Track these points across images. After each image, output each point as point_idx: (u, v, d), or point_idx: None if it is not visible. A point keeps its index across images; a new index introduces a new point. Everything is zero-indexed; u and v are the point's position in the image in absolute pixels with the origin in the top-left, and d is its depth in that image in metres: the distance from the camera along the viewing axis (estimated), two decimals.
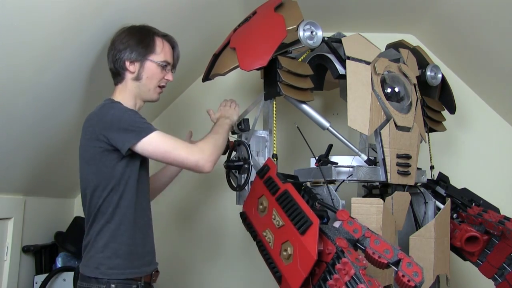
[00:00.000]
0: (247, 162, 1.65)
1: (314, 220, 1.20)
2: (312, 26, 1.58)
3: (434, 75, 1.94)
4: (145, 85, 1.46)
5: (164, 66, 1.48)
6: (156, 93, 1.51)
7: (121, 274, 1.32)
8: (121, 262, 1.33)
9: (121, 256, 1.33)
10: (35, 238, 1.91)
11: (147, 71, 1.45)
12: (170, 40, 1.54)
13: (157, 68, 1.46)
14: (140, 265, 1.38)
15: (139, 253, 1.38)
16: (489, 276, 1.70)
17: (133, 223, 1.37)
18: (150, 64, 1.45)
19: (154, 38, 1.48)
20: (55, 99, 1.57)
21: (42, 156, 1.74)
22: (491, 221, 1.64)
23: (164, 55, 1.48)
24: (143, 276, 1.38)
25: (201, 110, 2.51)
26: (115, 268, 1.32)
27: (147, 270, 1.41)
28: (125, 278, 1.33)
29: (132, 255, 1.36)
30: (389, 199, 1.54)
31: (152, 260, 1.46)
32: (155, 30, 1.51)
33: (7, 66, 1.27)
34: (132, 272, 1.35)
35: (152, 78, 1.46)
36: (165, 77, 1.50)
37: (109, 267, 1.31)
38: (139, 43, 1.44)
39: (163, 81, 1.50)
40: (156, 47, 1.47)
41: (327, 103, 2.48)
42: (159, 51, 1.47)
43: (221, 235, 2.43)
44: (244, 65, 1.59)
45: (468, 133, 2.46)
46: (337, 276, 1.11)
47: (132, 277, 1.34)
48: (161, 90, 1.52)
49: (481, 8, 1.92)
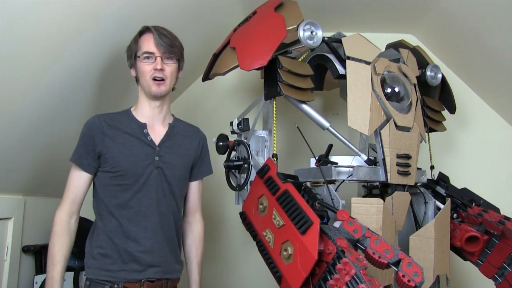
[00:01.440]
0: (246, 162, 1.65)
1: (314, 220, 1.20)
2: (312, 26, 1.58)
3: (434, 75, 1.94)
4: (142, 84, 1.48)
5: (148, 57, 1.44)
6: (153, 86, 1.45)
7: (92, 274, 1.41)
8: (95, 263, 1.41)
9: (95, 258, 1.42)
10: (35, 238, 1.90)
11: (138, 70, 1.47)
12: (149, 29, 1.46)
13: (142, 62, 1.45)
14: (117, 269, 1.39)
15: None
16: (489, 276, 1.70)
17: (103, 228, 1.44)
18: (137, 62, 1.46)
19: (137, 37, 1.48)
20: (55, 99, 1.56)
21: (42, 156, 1.74)
22: (491, 221, 1.64)
23: (143, 47, 1.45)
24: (122, 281, 1.39)
25: (201, 110, 2.52)
26: (90, 268, 1.42)
27: (126, 277, 1.39)
28: (99, 279, 1.40)
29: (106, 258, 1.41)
30: (389, 199, 1.54)
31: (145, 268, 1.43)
32: (142, 28, 1.48)
33: (7, 66, 1.27)
34: (104, 275, 1.39)
35: (143, 74, 1.46)
36: (154, 67, 1.44)
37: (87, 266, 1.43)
38: (128, 48, 1.49)
39: (154, 72, 1.44)
40: (138, 45, 1.46)
41: (327, 103, 2.48)
42: (140, 46, 1.46)
43: (221, 235, 2.43)
44: (244, 64, 1.59)
45: (468, 133, 2.46)
46: (338, 276, 1.11)
47: (105, 279, 1.39)
48: (157, 82, 1.45)
49: (481, 8, 1.92)
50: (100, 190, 1.44)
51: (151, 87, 1.45)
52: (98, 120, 1.44)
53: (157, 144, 1.47)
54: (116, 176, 1.41)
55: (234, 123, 1.78)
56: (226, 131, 1.82)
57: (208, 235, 2.44)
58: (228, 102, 2.51)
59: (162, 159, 1.46)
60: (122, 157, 1.41)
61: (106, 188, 1.43)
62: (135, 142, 1.44)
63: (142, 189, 1.42)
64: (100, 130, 1.42)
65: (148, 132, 1.47)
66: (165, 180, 1.46)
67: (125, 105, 1.58)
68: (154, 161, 1.44)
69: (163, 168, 1.45)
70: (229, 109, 2.36)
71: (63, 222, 1.41)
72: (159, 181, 1.45)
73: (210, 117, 2.48)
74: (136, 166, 1.41)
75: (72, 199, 1.43)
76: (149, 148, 1.45)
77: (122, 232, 1.41)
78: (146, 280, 1.41)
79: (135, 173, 1.41)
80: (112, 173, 1.41)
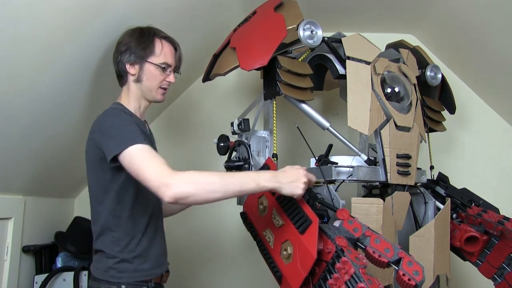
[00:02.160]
0: (247, 162, 1.65)
1: (313, 219, 1.20)
2: (312, 25, 1.58)
3: (434, 75, 1.94)
4: (146, 87, 1.46)
5: (164, 68, 1.46)
6: (159, 94, 1.49)
7: (130, 277, 1.35)
8: (129, 266, 1.35)
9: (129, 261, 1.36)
10: (35, 238, 1.90)
11: (146, 73, 1.45)
12: (171, 41, 1.51)
13: (157, 69, 1.45)
14: (150, 267, 1.39)
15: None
16: (488, 276, 1.70)
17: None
18: (150, 66, 1.44)
19: (154, 39, 1.46)
20: (55, 99, 1.56)
21: (42, 156, 1.75)
22: (491, 221, 1.64)
23: (164, 57, 1.46)
24: (153, 278, 1.41)
25: (201, 110, 2.52)
26: (125, 272, 1.35)
27: (157, 272, 1.42)
28: (135, 280, 1.35)
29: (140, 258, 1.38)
30: (389, 199, 1.54)
31: (163, 262, 1.48)
32: (156, 31, 1.49)
33: (6, 65, 1.27)
34: (141, 275, 1.36)
35: (152, 79, 1.45)
36: (166, 79, 1.48)
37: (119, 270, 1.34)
38: (138, 45, 1.44)
39: (165, 83, 1.49)
40: (156, 49, 1.45)
41: (327, 103, 2.48)
42: (159, 53, 1.45)
43: (222, 235, 2.43)
44: (245, 65, 1.59)
45: (468, 133, 2.47)
46: (337, 275, 1.11)
47: (141, 279, 1.37)
48: (164, 91, 1.50)
49: (481, 8, 1.92)
50: (120, 190, 1.36)
51: (157, 95, 1.48)
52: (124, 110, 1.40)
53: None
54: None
55: (235, 124, 1.78)
56: (227, 131, 1.82)
57: (209, 235, 2.45)
58: (228, 102, 2.51)
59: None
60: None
61: (127, 186, 1.35)
62: (146, 140, 1.36)
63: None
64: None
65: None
66: None
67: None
68: None
69: None
70: (229, 109, 2.36)
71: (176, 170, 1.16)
72: None
73: (210, 118, 2.48)
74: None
75: (165, 162, 1.19)
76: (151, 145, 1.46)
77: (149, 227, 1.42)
78: (165, 271, 1.48)
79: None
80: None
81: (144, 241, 1.39)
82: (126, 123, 1.30)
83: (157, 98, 1.49)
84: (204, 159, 2.41)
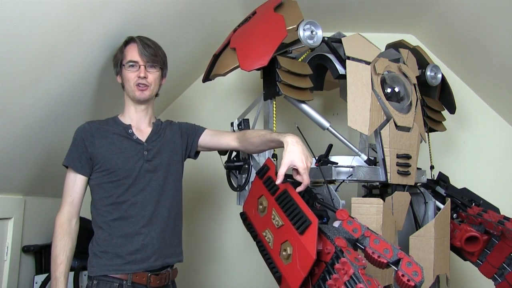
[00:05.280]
0: (247, 162, 1.65)
1: (313, 219, 1.20)
2: (312, 25, 1.58)
3: (434, 75, 1.94)
4: (127, 89, 1.55)
5: (132, 66, 1.51)
6: (136, 91, 1.52)
7: (100, 271, 1.43)
8: (99, 261, 1.44)
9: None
10: (35, 238, 1.90)
11: (123, 77, 1.54)
12: (133, 38, 1.54)
13: (127, 70, 1.52)
14: (121, 263, 1.42)
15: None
16: (489, 276, 1.70)
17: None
18: (123, 70, 1.53)
19: (122, 47, 1.55)
20: (55, 99, 1.57)
21: (42, 156, 1.75)
22: (491, 221, 1.64)
23: (129, 56, 1.52)
24: (131, 275, 1.43)
25: (201, 110, 2.52)
26: (95, 266, 1.44)
27: (132, 268, 1.43)
28: (103, 274, 1.42)
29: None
30: (389, 199, 1.54)
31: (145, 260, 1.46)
32: (128, 38, 1.55)
33: (7, 66, 1.27)
34: (108, 269, 1.42)
35: (127, 81, 1.52)
36: (137, 75, 1.51)
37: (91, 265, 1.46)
38: (114, 57, 1.57)
39: (138, 80, 1.51)
40: (124, 53, 1.53)
41: (327, 103, 2.48)
42: (125, 55, 1.53)
43: (221, 236, 2.43)
44: (245, 65, 1.59)
45: (468, 133, 2.46)
46: (336, 276, 1.11)
47: (111, 274, 1.42)
48: (140, 87, 1.52)
49: (481, 8, 1.92)
50: (95, 191, 1.49)
51: (135, 92, 1.52)
52: (87, 125, 1.52)
53: (144, 140, 1.53)
54: (109, 174, 1.46)
55: (235, 124, 1.78)
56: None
57: (209, 235, 2.45)
58: (228, 102, 2.51)
59: (151, 152, 1.52)
60: (113, 155, 1.47)
61: (100, 187, 1.47)
62: (123, 141, 1.50)
63: (135, 182, 1.48)
64: (90, 133, 1.49)
65: (134, 132, 1.54)
66: (157, 170, 1.51)
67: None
68: (144, 155, 1.50)
69: (153, 159, 1.51)
70: (229, 109, 2.36)
71: (64, 225, 1.45)
72: (151, 173, 1.50)
73: (210, 118, 2.48)
74: (126, 162, 1.47)
75: (70, 202, 1.47)
76: (137, 144, 1.51)
77: (121, 228, 1.46)
78: (152, 273, 1.46)
79: (127, 168, 1.47)
80: (105, 171, 1.47)
81: (113, 236, 1.44)
82: (73, 142, 1.51)
83: (136, 96, 1.53)
84: (204, 159, 2.41)
